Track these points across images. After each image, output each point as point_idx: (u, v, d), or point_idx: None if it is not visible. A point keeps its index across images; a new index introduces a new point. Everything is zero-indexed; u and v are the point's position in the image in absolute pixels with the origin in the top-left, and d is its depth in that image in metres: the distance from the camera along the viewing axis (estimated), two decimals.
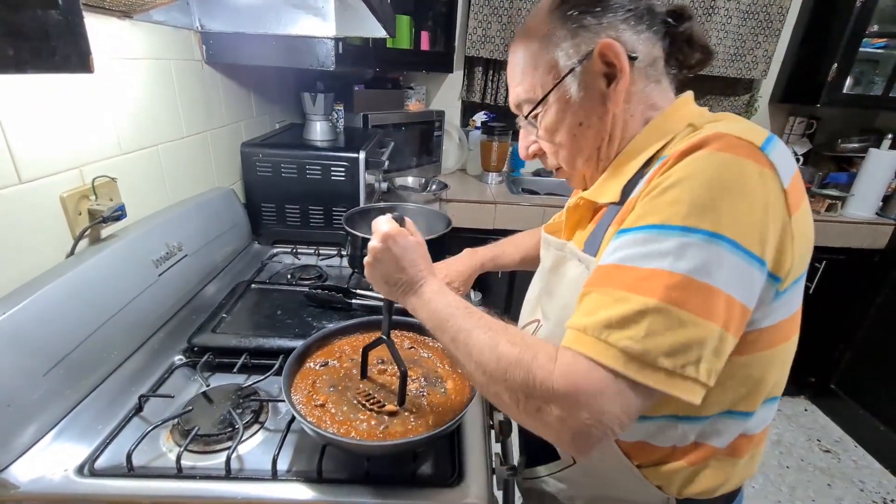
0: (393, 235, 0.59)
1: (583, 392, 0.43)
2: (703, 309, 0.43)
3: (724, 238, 0.43)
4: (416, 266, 0.59)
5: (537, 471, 0.72)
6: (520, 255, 1.00)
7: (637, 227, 0.47)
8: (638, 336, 0.43)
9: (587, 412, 0.43)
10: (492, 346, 0.49)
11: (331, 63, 1.20)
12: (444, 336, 0.55)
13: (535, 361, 0.46)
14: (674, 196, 0.45)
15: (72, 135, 0.79)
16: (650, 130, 0.58)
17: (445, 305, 0.56)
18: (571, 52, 0.56)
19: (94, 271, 0.76)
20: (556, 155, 0.64)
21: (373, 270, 0.62)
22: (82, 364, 0.71)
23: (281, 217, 1.40)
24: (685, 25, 0.59)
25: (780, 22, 2.16)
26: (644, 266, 0.45)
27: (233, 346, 0.84)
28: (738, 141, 0.45)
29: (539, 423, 0.47)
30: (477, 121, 2.37)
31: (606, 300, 0.46)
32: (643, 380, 0.42)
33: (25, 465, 0.60)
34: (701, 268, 0.43)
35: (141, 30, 0.94)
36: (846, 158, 2.36)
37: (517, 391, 0.47)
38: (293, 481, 0.61)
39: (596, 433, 0.44)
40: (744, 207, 0.44)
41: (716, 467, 0.58)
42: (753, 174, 0.44)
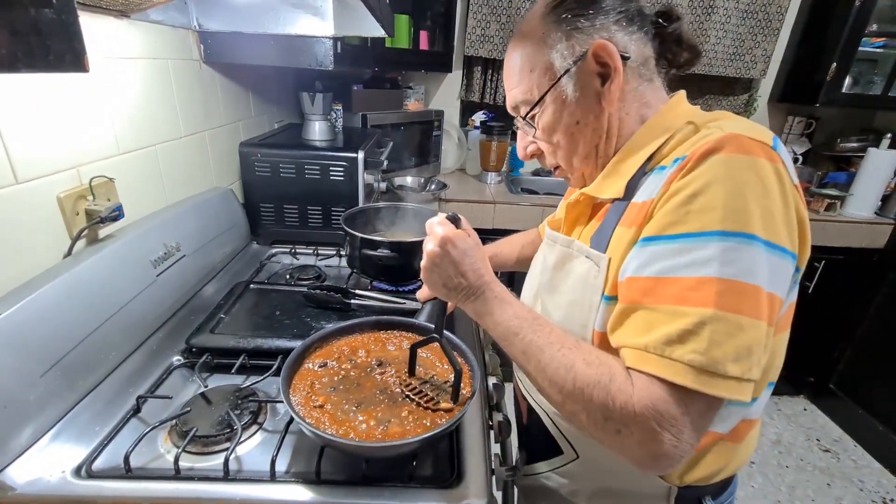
0: (452, 238, 0.57)
1: (664, 415, 0.44)
2: (754, 310, 0.44)
3: (758, 238, 0.45)
4: (476, 271, 0.58)
5: (538, 467, 0.72)
6: (517, 256, 1.00)
7: (669, 237, 0.47)
8: (701, 348, 0.43)
9: (669, 434, 0.44)
10: (567, 367, 0.49)
11: (329, 63, 1.20)
12: (512, 348, 0.55)
13: (614, 384, 0.46)
14: (704, 202, 0.46)
15: (69, 134, 0.78)
16: (648, 128, 0.59)
17: (513, 316, 0.55)
18: (566, 53, 0.58)
19: (91, 272, 0.76)
20: (555, 154, 0.66)
21: (430, 275, 0.60)
22: (80, 365, 0.71)
23: (279, 217, 1.40)
24: (674, 26, 0.61)
25: (779, 21, 2.16)
26: (688, 275, 0.45)
27: (231, 346, 0.84)
28: (752, 142, 0.47)
29: (618, 445, 0.47)
30: (476, 120, 2.37)
31: (660, 316, 0.46)
32: (716, 392, 0.43)
33: (22, 466, 0.60)
34: (746, 270, 0.44)
35: (138, 29, 0.94)
36: (845, 158, 2.36)
37: (596, 412, 0.47)
38: (292, 482, 0.61)
39: (678, 453, 0.45)
40: (769, 205, 0.46)
41: (717, 453, 0.59)
42: (771, 172, 0.46)
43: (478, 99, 2.33)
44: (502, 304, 0.57)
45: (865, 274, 2.11)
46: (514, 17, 2.11)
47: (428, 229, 0.60)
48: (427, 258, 0.59)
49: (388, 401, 0.68)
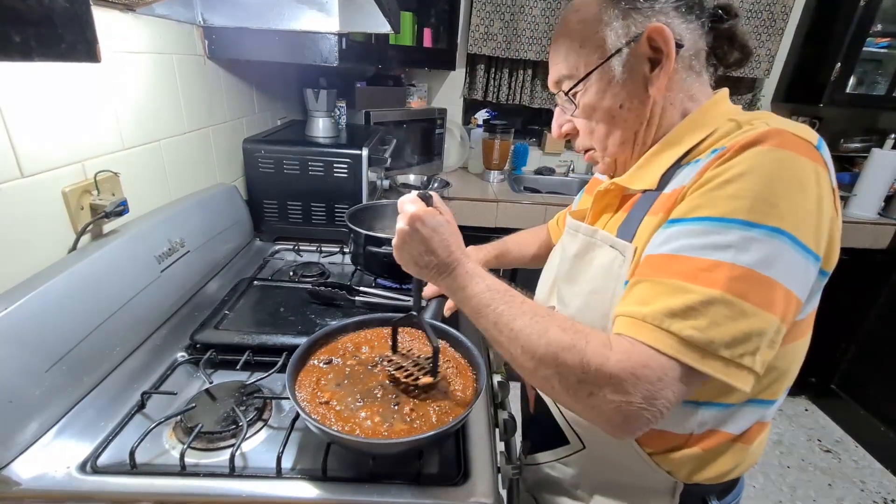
0: (420, 216, 0.57)
1: (641, 378, 0.44)
2: (764, 301, 0.44)
3: (785, 233, 0.44)
4: (447, 247, 0.57)
5: (542, 456, 0.72)
6: (524, 253, 1.00)
7: (693, 219, 0.47)
8: (701, 326, 0.44)
9: (642, 397, 0.44)
10: (540, 332, 0.49)
11: (334, 59, 1.19)
12: (483, 320, 0.54)
13: (589, 346, 0.46)
14: (735, 190, 0.46)
15: (74, 129, 0.78)
16: (689, 122, 0.58)
17: (485, 288, 0.54)
18: (621, 32, 0.56)
19: (96, 267, 0.75)
20: (591, 136, 0.64)
21: (401, 253, 0.60)
22: (84, 361, 0.71)
23: (283, 214, 1.40)
24: (731, 22, 0.60)
25: (784, 21, 2.16)
26: (704, 257, 0.45)
27: (236, 343, 0.83)
28: (795, 139, 0.46)
29: (589, 407, 0.47)
30: (479, 118, 2.37)
31: (664, 289, 0.46)
32: (702, 367, 0.44)
33: (27, 462, 0.60)
34: (763, 261, 0.44)
35: (143, 24, 0.93)
36: (849, 158, 2.36)
37: (569, 375, 0.47)
38: (298, 479, 0.61)
39: (648, 416, 0.45)
40: (802, 203, 0.45)
41: (730, 454, 0.59)
42: (810, 172, 0.46)
43: (481, 97, 2.32)
44: (473, 278, 0.56)
45: (868, 275, 2.11)
46: (518, 15, 2.11)
47: (399, 207, 0.60)
48: (397, 236, 0.59)
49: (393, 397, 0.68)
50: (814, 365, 2.28)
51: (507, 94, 2.29)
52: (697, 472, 0.59)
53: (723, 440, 0.58)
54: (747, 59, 0.62)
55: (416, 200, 0.60)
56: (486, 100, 2.32)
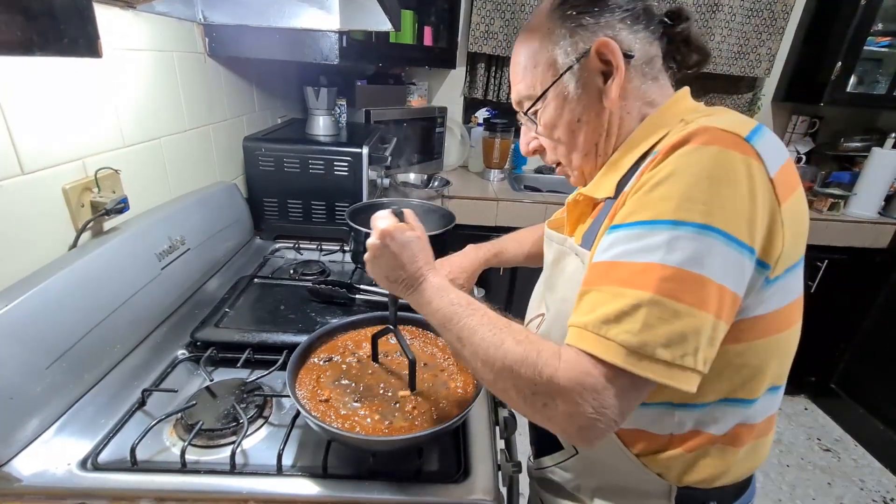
0: (391, 232, 0.58)
1: (587, 387, 0.44)
2: (696, 299, 0.44)
3: (714, 228, 0.44)
4: (415, 262, 0.59)
5: (544, 461, 0.73)
6: (524, 252, 1.00)
7: (628, 224, 0.48)
8: (634, 329, 0.44)
9: (591, 406, 0.44)
10: (497, 345, 0.50)
11: (335, 57, 1.19)
12: (448, 334, 0.55)
13: (540, 358, 0.47)
14: (663, 191, 0.46)
15: (75, 126, 0.78)
16: (645, 126, 0.59)
17: (448, 303, 0.55)
18: (570, 49, 0.58)
19: (96, 264, 0.76)
20: (556, 151, 0.66)
21: (373, 267, 0.62)
22: (85, 357, 0.71)
23: (283, 212, 1.40)
24: (682, 26, 0.61)
25: (784, 20, 2.15)
26: (637, 261, 0.46)
27: (236, 340, 0.84)
28: (722, 133, 0.46)
29: (545, 418, 0.48)
30: (479, 117, 2.36)
31: (604, 297, 0.47)
32: (643, 372, 0.44)
33: (28, 458, 0.60)
34: (692, 259, 0.44)
35: (144, 21, 0.93)
36: (849, 158, 2.35)
37: (524, 388, 0.48)
38: (298, 476, 0.61)
39: (600, 426, 0.45)
40: (731, 197, 0.45)
41: (715, 455, 0.58)
42: (739, 164, 0.45)
43: (481, 96, 2.32)
44: (439, 292, 0.57)
45: (868, 274, 2.11)
46: (518, 13, 2.10)
47: (371, 223, 0.61)
48: (369, 251, 0.61)
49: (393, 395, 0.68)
50: (813, 364, 2.31)
51: (507, 92, 2.28)
52: (686, 474, 0.59)
53: (704, 441, 0.57)
54: (706, 61, 0.64)
55: (388, 216, 0.61)
56: (486, 98, 2.32)
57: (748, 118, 0.50)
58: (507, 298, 2.09)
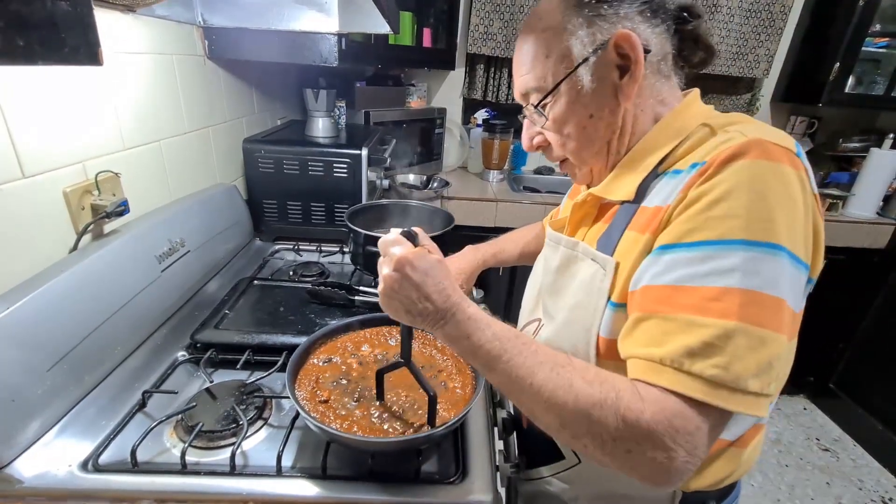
0: (410, 259, 0.50)
1: (680, 431, 0.41)
2: (776, 323, 0.43)
3: (782, 248, 0.43)
4: (442, 292, 0.50)
5: (540, 471, 0.71)
6: (522, 251, 1.00)
7: (689, 244, 0.45)
8: (724, 363, 0.41)
9: (684, 450, 0.42)
10: (566, 388, 0.45)
11: (334, 59, 1.19)
12: (495, 375, 0.49)
13: (621, 402, 0.43)
14: (726, 209, 0.44)
15: (75, 129, 0.78)
16: (662, 128, 0.57)
17: (492, 338, 0.49)
18: (587, 41, 0.55)
19: (97, 267, 0.76)
20: (564, 147, 0.63)
21: (390, 301, 0.52)
22: (85, 360, 0.71)
23: (283, 214, 1.40)
24: (694, 23, 0.59)
25: (783, 21, 2.16)
26: (711, 285, 0.43)
27: (236, 342, 0.84)
28: (777, 148, 0.46)
29: (629, 465, 0.44)
30: (478, 118, 2.37)
31: (675, 326, 0.44)
32: (735, 408, 0.41)
33: (29, 460, 0.60)
34: (770, 281, 0.43)
35: (143, 24, 0.94)
36: (847, 158, 2.36)
37: (603, 434, 0.44)
38: (298, 477, 0.61)
39: (690, 468, 0.43)
40: (793, 215, 0.44)
41: (726, 460, 0.58)
42: (795, 181, 0.45)
43: (480, 97, 2.32)
44: (478, 324, 0.50)
45: (866, 274, 2.11)
46: (517, 14, 2.11)
47: (381, 250, 0.53)
48: (384, 284, 0.51)
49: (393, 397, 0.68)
50: (812, 364, 2.31)
51: (506, 93, 2.29)
52: (695, 481, 0.58)
53: (719, 447, 0.57)
54: (712, 59, 0.61)
55: (401, 240, 0.52)
56: (485, 99, 2.32)
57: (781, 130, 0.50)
58: (505, 298, 2.09)
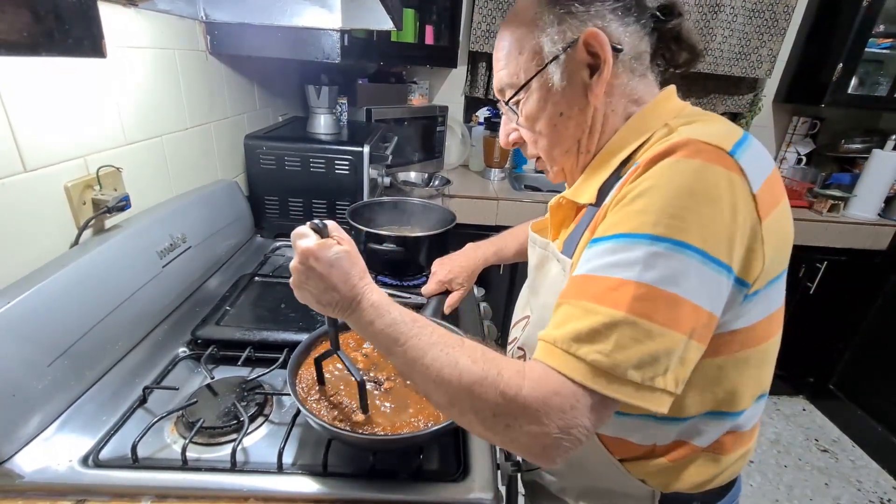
0: (314, 251, 0.51)
1: (553, 407, 0.43)
2: (669, 319, 0.43)
3: (690, 246, 0.43)
4: (347, 281, 0.52)
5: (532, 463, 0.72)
6: (523, 247, 1.00)
7: (607, 237, 0.47)
8: (606, 350, 0.43)
9: (556, 426, 0.43)
10: (451, 365, 0.47)
11: (336, 55, 1.19)
12: (395, 358, 0.51)
13: (502, 378, 0.45)
14: (642, 205, 0.45)
15: (76, 124, 0.78)
16: (629, 128, 0.57)
17: (391, 323, 0.51)
18: (557, 38, 0.55)
19: (98, 262, 0.76)
20: (536, 144, 0.63)
21: (301, 292, 0.54)
22: (86, 355, 0.71)
23: (284, 210, 1.40)
24: (674, 22, 0.58)
25: (786, 21, 2.15)
26: (613, 276, 0.45)
27: (237, 338, 0.84)
28: (706, 146, 0.45)
29: (507, 439, 0.46)
30: (480, 116, 2.36)
31: (576, 312, 0.46)
32: (612, 394, 0.43)
33: (30, 455, 0.60)
34: (667, 277, 0.43)
35: (145, 18, 0.93)
36: (849, 159, 2.36)
37: (484, 409, 0.45)
38: (299, 474, 0.61)
39: (565, 444, 0.44)
40: (711, 215, 0.44)
41: (700, 465, 0.58)
42: (720, 181, 0.44)
43: (482, 95, 2.32)
44: (379, 310, 0.51)
45: (867, 275, 2.11)
46: None
47: (292, 243, 0.54)
48: (293, 274, 0.53)
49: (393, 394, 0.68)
50: (812, 365, 2.31)
51: None
52: (671, 483, 0.58)
53: (690, 452, 0.57)
54: (697, 60, 0.61)
55: (308, 233, 0.53)
56: (487, 97, 2.32)
57: (734, 126, 0.49)
58: (506, 296, 2.09)
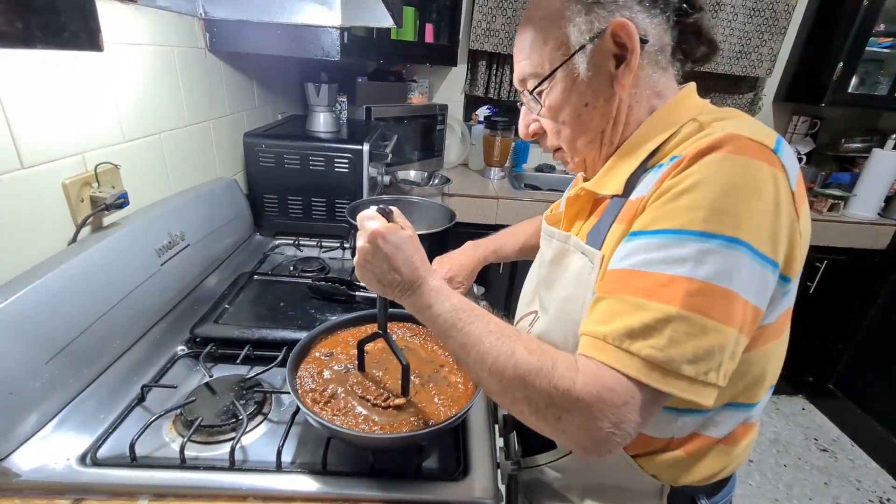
0: (382, 233, 0.54)
1: (607, 403, 0.44)
2: (723, 314, 0.43)
3: (742, 242, 0.44)
4: (411, 265, 0.55)
5: (536, 459, 0.72)
6: (522, 245, 1.00)
7: (652, 231, 0.47)
8: (660, 345, 0.43)
9: (609, 421, 0.44)
10: (508, 354, 0.48)
11: (336, 53, 1.18)
12: (451, 341, 0.53)
13: (556, 371, 0.46)
14: (690, 200, 0.45)
15: (74, 120, 0.77)
16: (654, 121, 0.58)
17: (450, 308, 0.53)
18: (584, 28, 0.55)
19: (96, 259, 0.75)
20: (558, 135, 0.63)
21: (364, 271, 0.57)
22: (84, 353, 0.71)
23: (283, 209, 1.39)
24: (696, 16, 0.58)
25: (787, 20, 2.15)
26: (662, 272, 0.45)
27: (236, 337, 0.83)
28: (751, 143, 0.46)
29: (559, 431, 0.47)
30: (480, 115, 2.36)
31: (624, 307, 0.46)
32: (666, 388, 0.43)
33: (27, 453, 0.60)
34: (720, 273, 0.43)
35: (144, 15, 0.93)
36: (849, 158, 2.35)
37: (537, 399, 0.46)
38: (298, 473, 0.61)
39: (616, 440, 0.44)
40: (759, 211, 0.44)
41: (714, 457, 0.59)
42: (767, 177, 0.45)
43: (482, 93, 2.31)
44: (440, 296, 0.54)
45: (867, 275, 2.11)
46: (520, 11, 2.10)
47: (359, 224, 0.57)
48: (359, 254, 0.56)
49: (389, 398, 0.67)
50: (811, 364, 2.31)
51: (508, 90, 2.28)
52: (682, 476, 0.59)
53: (706, 443, 0.57)
54: (714, 54, 0.61)
55: (377, 216, 0.57)
56: (487, 96, 2.31)
57: (766, 126, 0.49)
58: (506, 294, 2.09)
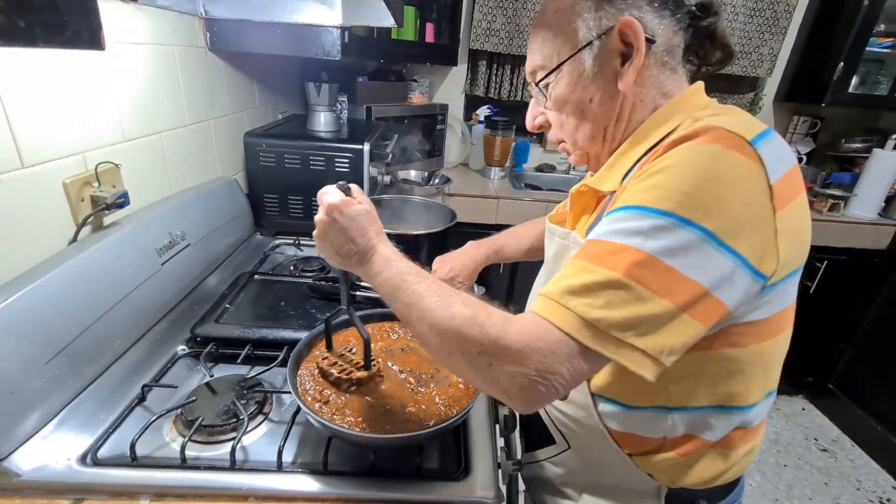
0: (338, 206, 0.57)
1: (535, 350, 0.45)
2: (662, 287, 0.44)
3: (697, 226, 0.44)
4: (364, 235, 0.58)
5: (536, 454, 0.73)
6: (524, 246, 1.00)
7: (620, 208, 0.48)
8: (596, 304, 0.44)
9: (536, 369, 0.44)
10: (445, 307, 0.49)
11: (336, 52, 1.18)
12: (397, 303, 0.54)
13: (490, 320, 0.47)
14: (657, 181, 0.46)
15: (75, 120, 0.77)
16: (655, 118, 0.58)
17: (397, 272, 0.55)
18: (592, 24, 0.56)
19: (96, 259, 0.75)
20: (561, 128, 0.64)
21: (322, 244, 0.60)
22: (85, 353, 0.71)
23: (283, 208, 1.39)
24: (709, 20, 0.58)
25: (787, 20, 2.15)
26: (615, 241, 0.46)
27: (236, 336, 0.83)
28: (727, 134, 0.46)
29: (488, 379, 0.48)
30: (480, 115, 2.36)
31: (574, 270, 0.47)
32: (593, 346, 0.44)
33: (28, 453, 0.60)
34: (668, 250, 0.44)
35: (144, 14, 0.93)
36: (849, 158, 2.35)
37: (470, 347, 0.47)
38: (298, 473, 0.61)
39: (542, 390, 0.45)
40: (723, 199, 0.44)
41: (709, 460, 0.58)
42: (737, 167, 0.45)
43: (482, 93, 2.31)
44: (389, 262, 0.56)
45: (867, 275, 2.11)
46: (521, 11, 2.10)
47: (318, 199, 0.60)
48: (317, 227, 0.60)
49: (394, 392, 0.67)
50: (811, 364, 2.31)
51: (508, 90, 2.28)
52: (678, 478, 0.59)
53: (700, 446, 0.57)
54: (730, 59, 0.62)
55: (334, 191, 0.60)
56: (487, 96, 2.31)
57: (759, 122, 0.49)
58: (507, 295, 2.09)
